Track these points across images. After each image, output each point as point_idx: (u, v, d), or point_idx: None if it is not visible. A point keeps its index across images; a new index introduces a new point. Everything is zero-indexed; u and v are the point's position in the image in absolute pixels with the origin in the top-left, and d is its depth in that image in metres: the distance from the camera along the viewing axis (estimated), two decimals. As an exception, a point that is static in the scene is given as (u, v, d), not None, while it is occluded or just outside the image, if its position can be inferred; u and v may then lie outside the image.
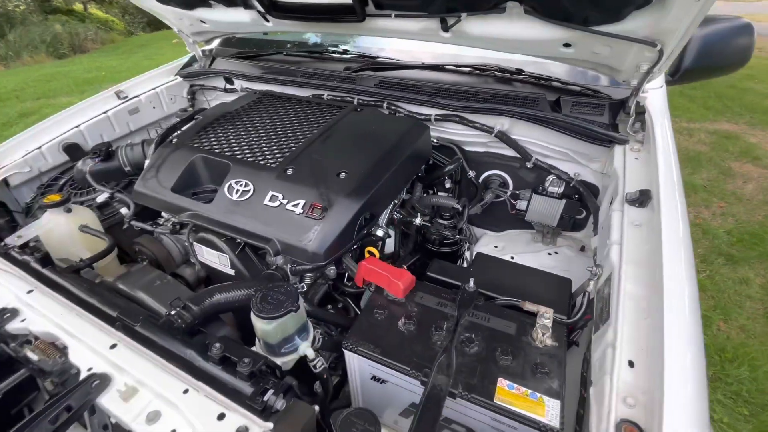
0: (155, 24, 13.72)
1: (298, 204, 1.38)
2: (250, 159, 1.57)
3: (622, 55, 1.49)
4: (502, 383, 1.02)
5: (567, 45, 1.54)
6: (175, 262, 1.77)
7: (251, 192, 1.46)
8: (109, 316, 1.16)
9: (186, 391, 0.96)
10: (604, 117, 1.72)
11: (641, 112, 1.69)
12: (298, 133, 1.70)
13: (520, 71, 1.91)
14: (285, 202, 1.40)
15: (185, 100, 2.64)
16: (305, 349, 1.15)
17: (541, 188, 1.97)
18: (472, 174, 2.00)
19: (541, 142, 1.87)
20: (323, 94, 2.13)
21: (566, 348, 1.13)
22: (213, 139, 1.71)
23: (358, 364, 1.16)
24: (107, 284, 1.39)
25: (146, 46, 11.53)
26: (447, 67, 2.04)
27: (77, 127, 2.12)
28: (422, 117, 1.93)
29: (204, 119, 1.87)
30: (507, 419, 0.98)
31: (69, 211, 1.56)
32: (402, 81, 1.99)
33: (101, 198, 1.80)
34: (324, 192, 1.39)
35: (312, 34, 2.59)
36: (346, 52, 2.27)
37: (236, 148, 1.64)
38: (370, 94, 2.02)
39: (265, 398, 0.94)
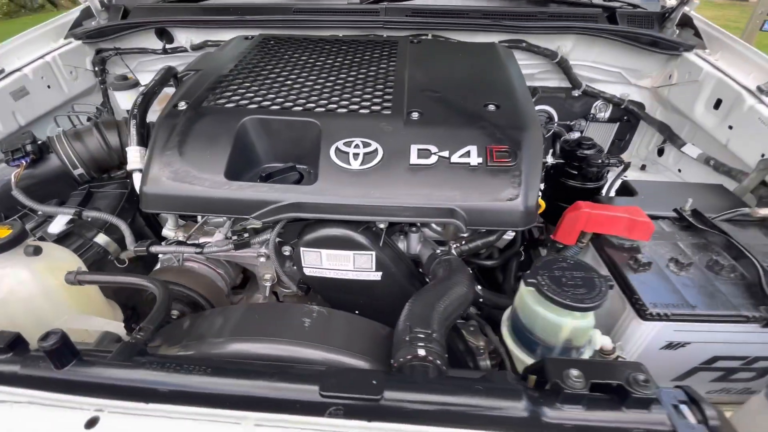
0: None
1: (468, 152, 0.96)
2: (340, 110, 1.05)
3: None
4: (834, 294, 0.86)
5: None
6: (225, 297, 1.14)
7: (380, 154, 0.96)
8: (299, 403, 0.60)
9: None
10: (655, 29, 1.69)
11: (685, 22, 1.71)
12: (371, 74, 1.22)
13: (561, -11, 1.75)
14: (445, 154, 0.96)
15: (91, 75, 1.75)
16: (601, 339, 0.80)
17: (591, 115, 1.89)
18: (525, 111, 1.79)
19: (595, 64, 1.75)
20: (337, 34, 1.63)
21: None
22: (251, 95, 1.11)
23: (654, 334, 0.86)
24: (189, 359, 0.76)
25: None
26: (477, -9, 1.75)
27: None
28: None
29: (204, 73, 1.21)
30: None
31: (36, 252, 0.81)
32: (438, 8, 1.63)
33: (57, 226, 1.02)
34: (492, 131, 0.99)
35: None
36: (341, -18, 1.77)
37: (297, 102, 1.08)
38: (407, 26, 1.61)
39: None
